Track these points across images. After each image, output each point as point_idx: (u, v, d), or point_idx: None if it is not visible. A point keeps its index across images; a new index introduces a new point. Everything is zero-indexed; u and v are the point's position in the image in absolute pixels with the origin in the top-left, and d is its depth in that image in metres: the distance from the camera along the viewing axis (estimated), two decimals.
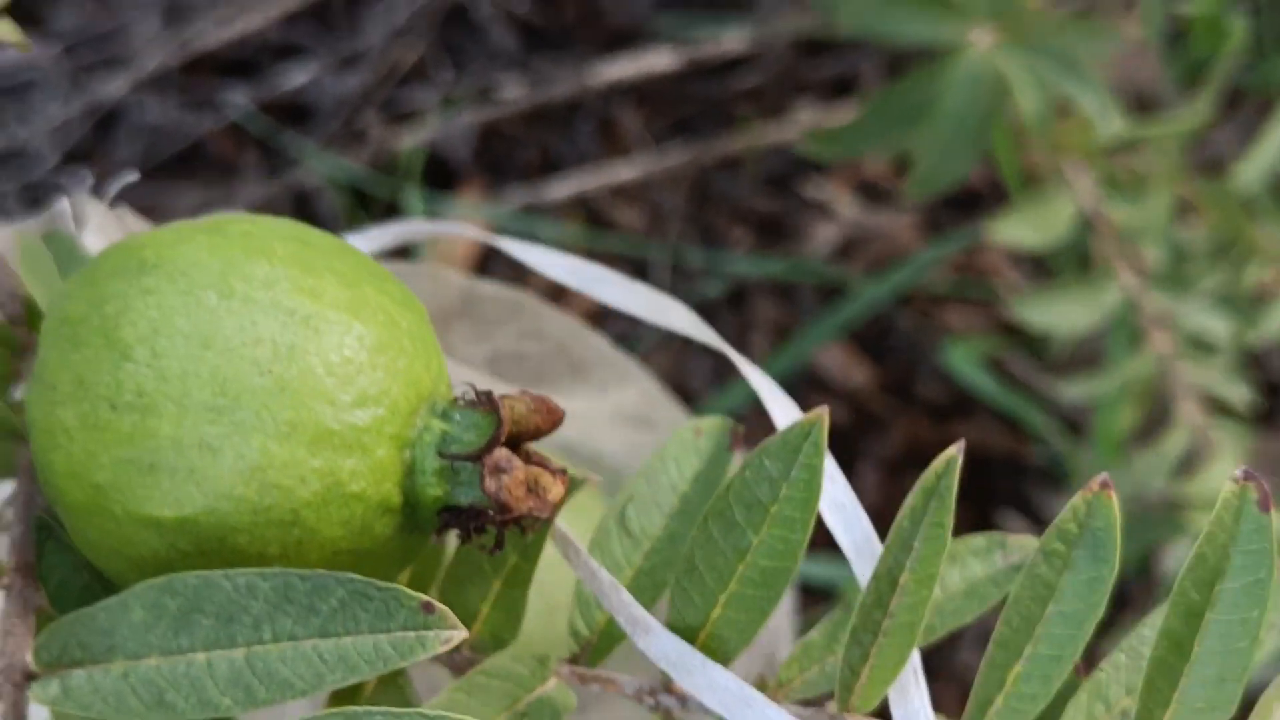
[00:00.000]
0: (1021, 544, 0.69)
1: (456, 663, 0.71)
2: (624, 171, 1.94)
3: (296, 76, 1.99)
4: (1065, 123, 1.55)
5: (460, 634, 0.56)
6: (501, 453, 0.61)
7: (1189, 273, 1.52)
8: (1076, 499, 0.62)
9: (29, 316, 0.73)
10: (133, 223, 0.84)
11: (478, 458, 0.61)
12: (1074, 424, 1.79)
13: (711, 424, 0.72)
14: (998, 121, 1.47)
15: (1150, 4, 1.54)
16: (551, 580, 0.75)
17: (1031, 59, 1.41)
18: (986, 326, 1.90)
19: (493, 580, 0.70)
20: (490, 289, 0.94)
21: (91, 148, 1.97)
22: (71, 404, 0.60)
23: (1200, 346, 1.53)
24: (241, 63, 2.02)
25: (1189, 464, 1.52)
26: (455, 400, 0.64)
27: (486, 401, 0.63)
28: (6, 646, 0.62)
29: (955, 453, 0.63)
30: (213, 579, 0.57)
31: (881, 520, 0.66)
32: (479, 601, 0.70)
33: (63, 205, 0.79)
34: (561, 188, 1.92)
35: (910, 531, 0.63)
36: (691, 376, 1.87)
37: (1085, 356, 1.78)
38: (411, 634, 0.56)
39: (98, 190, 0.81)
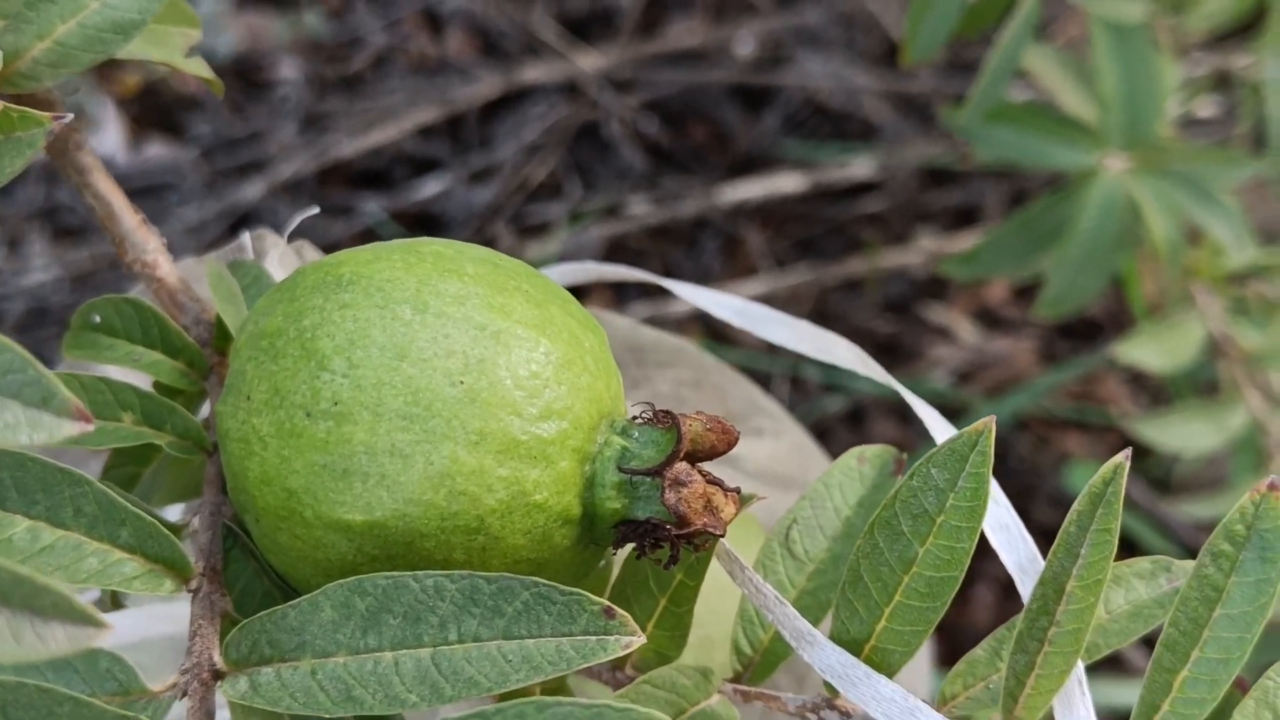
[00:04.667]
0: (1186, 569, 0.68)
1: (619, 681, 0.71)
2: (747, 288, 1.95)
3: (429, 186, 2.03)
4: (1195, 248, 1.56)
5: (640, 639, 0.57)
6: (681, 467, 0.62)
7: None
8: (1245, 500, 0.62)
9: (216, 339, 0.76)
10: (311, 255, 0.86)
11: (658, 472, 0.62)
12: (1192, 547, 1.78)
13: (875, 452, 0.72)
14: (1129, 250, 1.48)
15: (1277, 145, 1.56)
16: (707, 613, 0.75)
17: (1164, 185, 1.43)
18: (1104, 452, 1.89)
19: (659, 598, 0.70)
20: (652, 334, 0.94)
21: None
22: (267, 412, 0.62)
23: None
24: (376, 172, 2.06)
25: None
26: (634, 419, 0.65)
27: (666, 419, 0.64)
28: (195, 646, 0.63)
29: (1123, 459, 0.62)
30: (401, 580, 0.58)
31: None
32: (644, 619, 0.70)
33: (244, 239, 0.81)
34: (684, 302, 1.92)
35: (1077, 538, 0.63)
36: None
37: (1205, 481, 1.77)
38: (593, 638, 0.57)
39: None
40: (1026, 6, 1.31)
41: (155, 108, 2.08)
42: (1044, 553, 0.66)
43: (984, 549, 0.68)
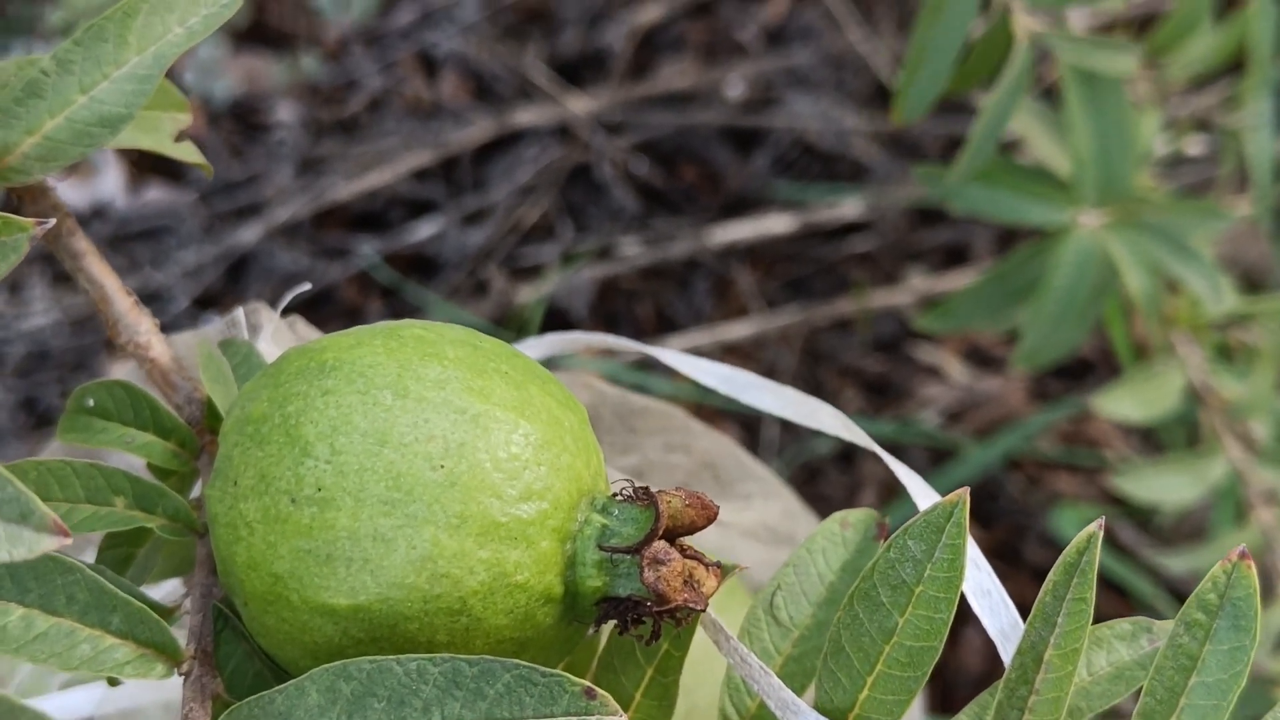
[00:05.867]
0: (1166, 629, 0.68)
1: None
2: (737, 329, 1.96)
3: (423, 229, 2.04)
4: (1175, 298, 1.56)
5: (622, 718, 0.57)
6: (659, 545, 0.63)
7: None
8: (1216, 569, 0.63)
9: (207, 419, 0.77)
10: (304, 330, 0.87)
11: (637, 550, 0.63)
12: (1180, 593, 1.78)
13: (858, 516, 0.73)
14: (1110, 298, 1.48)
15: (1261, 185, 1.56)
16: (693, 681, 0.76)
17: (1140, 239, 1.43)
18: (1095, 494, 1.90)
19: (645, 668, 0.70)
20: (641, 401, 0.95)
21: (223, 292, 2.03)
22: (253, 498, 0.63)
23: None
24: (371, 215, 2.07)
25: None
26: (614, 496, 0.66)
27: (644, 496, 0.65)
28: None
29: (1096, 529, 0.63)
30: (385, 664, 0.59)
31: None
32: (632, 689, 0.71)
33: (238, 313, 0.82)
34: (675, 343, 1.94)
35: (1053, 607, 0.63)
36: None
37: (1193, 525, 1.78)
38: (574, 719, 0.58)
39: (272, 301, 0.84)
40: (1017, 68, 1.31)
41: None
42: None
43: None
